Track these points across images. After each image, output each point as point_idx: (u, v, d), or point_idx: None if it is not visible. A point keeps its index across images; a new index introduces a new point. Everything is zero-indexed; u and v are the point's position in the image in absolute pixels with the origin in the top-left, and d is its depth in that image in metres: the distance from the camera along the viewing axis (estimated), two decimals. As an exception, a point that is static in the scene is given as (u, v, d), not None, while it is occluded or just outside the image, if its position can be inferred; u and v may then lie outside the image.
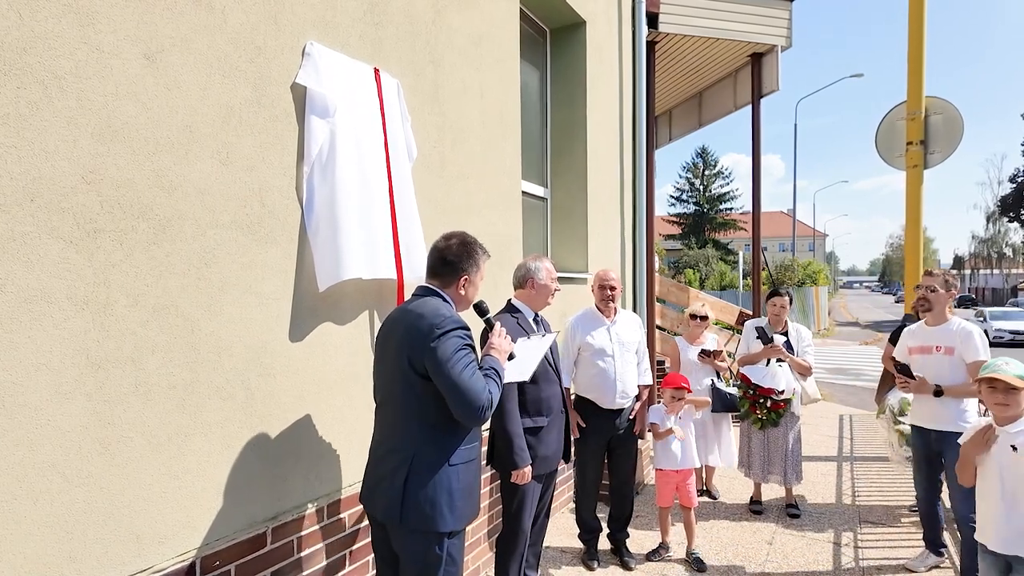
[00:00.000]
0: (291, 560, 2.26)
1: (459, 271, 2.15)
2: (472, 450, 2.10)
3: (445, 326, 1.95)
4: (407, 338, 2.00)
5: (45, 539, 1.56)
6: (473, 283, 2.18)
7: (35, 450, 1.54)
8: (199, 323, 1.93)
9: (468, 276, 2.15)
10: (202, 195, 1.94)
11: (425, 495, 1.97)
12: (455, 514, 2.00)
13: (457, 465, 2.02)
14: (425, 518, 1.97)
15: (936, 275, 3.39)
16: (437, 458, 2.00)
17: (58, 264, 1.58)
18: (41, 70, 1.55)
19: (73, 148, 1.62)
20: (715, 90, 8.34)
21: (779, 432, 4.42)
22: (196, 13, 1.93)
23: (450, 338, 1.94)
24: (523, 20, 4.42)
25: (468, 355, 1.97)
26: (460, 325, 1.99)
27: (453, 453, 2.02)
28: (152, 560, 1.80)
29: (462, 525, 2.05)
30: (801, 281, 22.99)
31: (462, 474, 2.03)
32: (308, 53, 2.29)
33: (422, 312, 2.01)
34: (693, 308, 5.03)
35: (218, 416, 1.99)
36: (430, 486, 1.97)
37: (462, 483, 2.03)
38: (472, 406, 1.92)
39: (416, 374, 1.98)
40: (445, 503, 1.98)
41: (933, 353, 3.37)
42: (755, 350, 4.48)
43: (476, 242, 2.21)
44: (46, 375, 1.56)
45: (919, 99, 5.60)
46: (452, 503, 1.99)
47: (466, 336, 1.99)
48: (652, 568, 3.66)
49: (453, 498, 1.99)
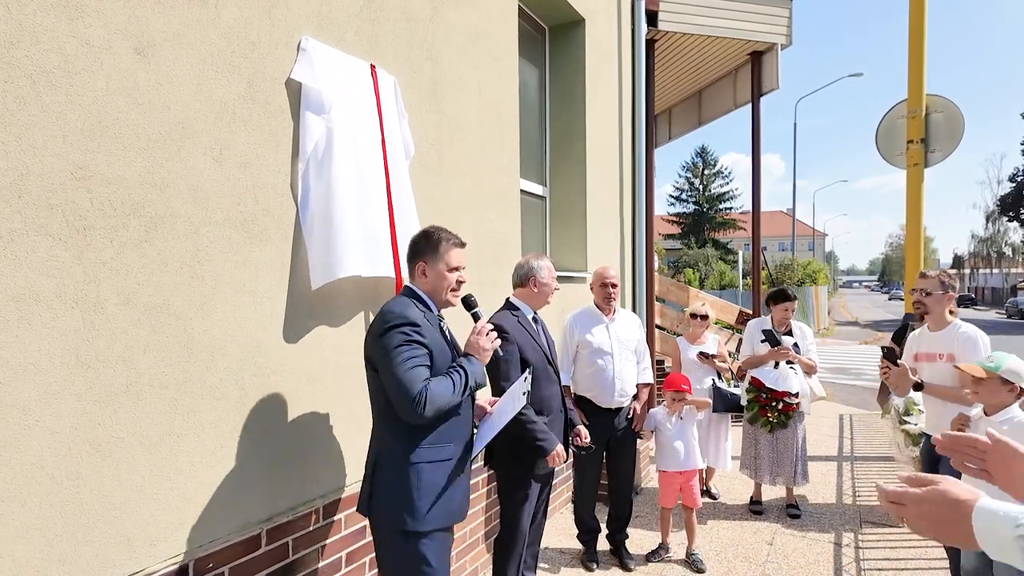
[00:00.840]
0: (286, 562, 2.24)
1: (416, 257, 2.18)
2: (441, 450, 2.06)
3: (391, 321, 1.98)
4: (367, 336, 2.09)
5: (34, 542, 1.53)
6: (434, 269, 2.14)
7: (23, 451, 1.51)
8: (192, 322, 1.90)
9: (424, 262, 2.15)
10: (195, 192, 1.92)
11: (389, 493, 2.01)
12: (417, 514, 1.99)
13: (419, 464, 2.01)
14: (389, 516, 2.01)
15: (931, 277, 3.25)
16: (399, 456, 2.02)
17: (47, 262, 1.56)
18: (29, 64, 1.52)
19: (62, 144, 1.59)
20: (715, 88, 8.31)
21: (788, 433, 4.37)
22: (189, 7, 1.90)
23: (394, 333, 1.96)
24: (522, 18, 4.39)
25: (409, 349, 1.95)
26: (405, 320, 1.97)
27: (413, 451, 2.02)
28: (144, 563, 1.77)
29: (431, 526, 2.01)
30: (801, 281, 22.96)
31: (425, 473, 2.01)
32: (303, 49, 2.26)
33: (381, 309, 2.06)
34: (693, 307, 5.00)
35: (211, 416, 1.97)
36: (393, 484, 2.01)
37: (424, 483, 2.01)
38: (404, 399, 1.91)
39: (373, 370, 2.04)
40: (408, 502, 1.99)
41: (937, 361, 3.21)
42: (760, 352, 4.41)
43: (441, 231, 2.18)
44: (35, 375, 1.53)
45: (920, 97, 5.57)
46: (414, 502, 1.99)
47: (411, 331, 1.97)
48: (652, 569, 3.64)
49: (415, 497, 1.99)
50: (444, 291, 2.17)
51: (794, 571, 3.57)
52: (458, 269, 2.18)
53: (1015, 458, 1.04)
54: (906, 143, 5.67)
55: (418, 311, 2.05)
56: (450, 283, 2.15)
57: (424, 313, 2.08)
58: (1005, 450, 1.02)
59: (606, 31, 5.26)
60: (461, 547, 3.32)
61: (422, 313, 2.07)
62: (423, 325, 2.01)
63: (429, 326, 2.05)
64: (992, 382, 2.49)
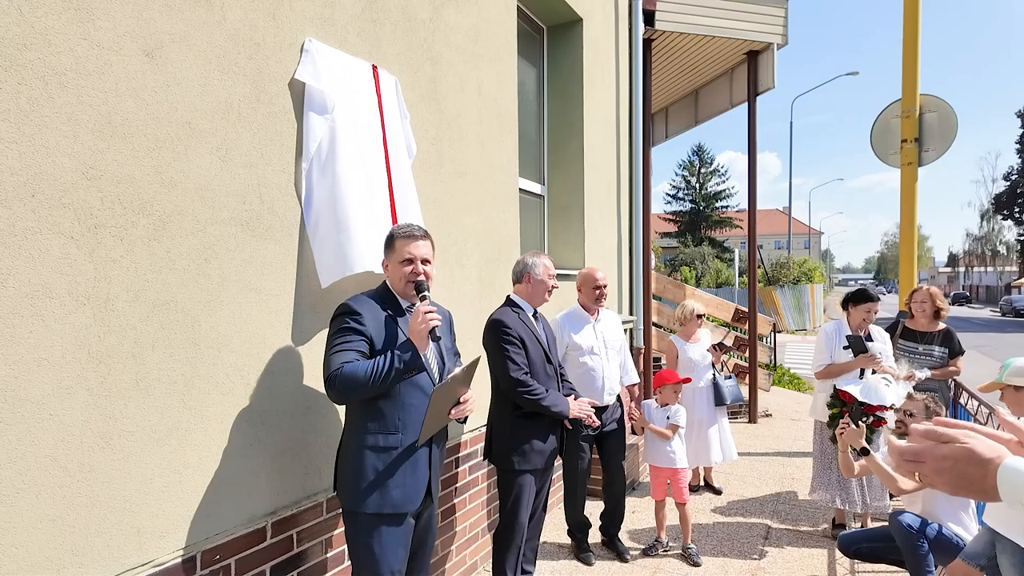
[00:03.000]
0: (290, 555, 2.28)
1: (384, 258, 2.28)
2: (387, 438, 2.12)
3: (337, 311, 2.14)
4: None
5: (47, 532, 1.57)
6: (392, 264, 2.22)
7: (38, 444, 1.55)
8: (199, 318, 1.94)
9: (386, 260, 2.26)
10: (202, 191, 1.95)
11: (341, 474, 2.17)
12: (356, 496, 2.10)
13: (364, 449, 2.11)
14: (342, 495, 2.17)
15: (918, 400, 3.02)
16: (350, 440, 2.16)
17: (59, 259, 1.59)
18: (41, 66, 1.55)
19: (73, 144, 1.62)
20: (711, 87, 8.36)
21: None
22: (195, 10, 1.93)
23: (334, 320, 2.12)
24: (520, 17, 4.42)
25: (343, 335, 2.07)
26: (346, 311, 2.10)
27: (361, 436, 2.12)
28: (153, 553, 1.81)
29: (370, 510, 2.09)
30: (796, 279, 23.05)
31: (368, 459, 2.11)
32: (307, 50, 2.30)
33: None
34: (695, 307, 4.99)
35: (218, 411, 2.01)
36: (345, 466, 2.16)
37: (367, 467, 2.10)
38: (325, 377, 2.03)
39: None
40: (350, 483, 2.12)
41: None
42: (841, 359, 3.92)
43: (396, 228, 2.26)
44: (48, 370, 1.57)
45: (914, 97, 5.63)
46: (355, 483, 2.11)
47: (348, 320, 2.08)
48: (649, 563, 3.69)
49: (356, 478, 2.10)
50: (400, 282, 2.20)
51: (789, 564, 3.63)
52: (412, 261, 2.17)
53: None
54: (900, 142, 5.73)
55: (368, 304, 2.14)
56: (403, 275, 2.18)
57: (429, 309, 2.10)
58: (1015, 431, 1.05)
59: (603, 30, 5.30)
60: (461, 540, 3.36)
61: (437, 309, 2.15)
62: (364, 314, 2.10)
63: (373, 316, 2.12)
64: (1010, 393, 2.56)
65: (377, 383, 2.00)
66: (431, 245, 2.26)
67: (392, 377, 2.01)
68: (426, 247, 2.23)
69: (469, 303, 3.39)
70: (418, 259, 2.18)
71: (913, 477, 0.86)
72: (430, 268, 2.23)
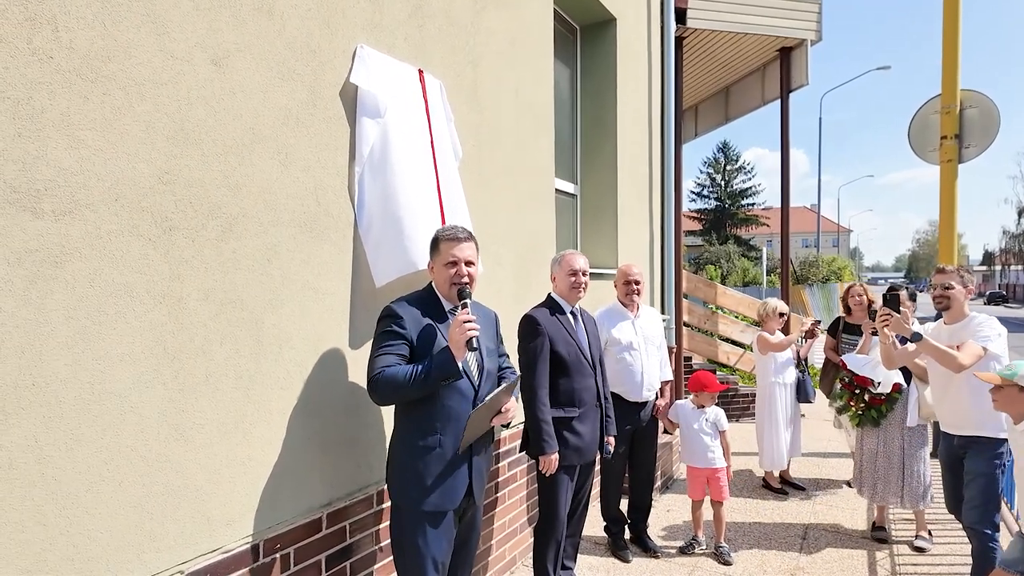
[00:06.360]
0: (343, 545, 2.35)
1: (429, 260, 2.32)
2: (426, 439, 2.14)
3: (382, 313, 2.19)
4: None
5: (129, 519, 1.66)
6: (437, 266, 2.25)
7: (120, 435, 1.64)
8: (263, 316, 2.02)
9: (431, 262, 2.29)
10: (264, 194, 2.03)
11: (390, 466, 2.25)
12: (401, 490, 2.17)
13: (406, 447, 2.18)
14: (389, 487, 2.24)
15: (949, 272, 3.21)
16: (396, 438, 2.24)
17: (139, 260, 1.68)
18: (124, 77, 1.64)
19: (151, 151, 1.71)
20: (743, 85, 8.29)
21: (894, 443, 3.85)
22: (257, 20, 2.01)
23: (379, 323, 2.18)
24: (554, 18, 4.45)
25: (385, 339, 2.12)
26: (389, 313, 2.15)
27: (405, 435, 2.19)
28: (222, 540, 1.90)
29: (411, 505, 2.14)
30: (826, 277, 22.65)
31: (410, 456, 2.16)
32: (359, 56, 2.37)
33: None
34: (779, 307, 4.93)
35: (280, 405, 2.09)
36: (394, 461, 2.23)
37: (408, 464, 2.16)
38: (368, 380, 2.09)
39: None
40: (396, 477, 2.20)
41: None
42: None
43: (440, 231, 2.29)
44: (129, 365, 1.66)
45: (954, 93, 5.51)
46: (399, 479, 2.18)
47: (389, 323, 2.14)
48: (686, 561, 3.70)
49: (400, 474, 2.18)
50: (445, 284, 2.22)
51: (828, 564, 3.61)
52: (456, 263, 2.19)
53: None
54: (939, 139, 5.62)
55: (410, 308, 2.18)
56: (448, 277, 2.20)
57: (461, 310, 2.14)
58: None
59: (636, 30, 5.31)
60: (501, 535, 3.42)
61: (478, 312, 2.19)
62: (405, 318, 2.14)
63: (414, 320, 2.15)
64: (1010, 390, 2.44)
65: (415, 388, 2.06)
66: (475, 246, 2.28)
67: (430, 383, 2.06)
68: (470, 249, 2.25)
69: (506, 302, 3.44)
70: (462, 261, 2.20)
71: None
72: (474, 270, 2.25)
